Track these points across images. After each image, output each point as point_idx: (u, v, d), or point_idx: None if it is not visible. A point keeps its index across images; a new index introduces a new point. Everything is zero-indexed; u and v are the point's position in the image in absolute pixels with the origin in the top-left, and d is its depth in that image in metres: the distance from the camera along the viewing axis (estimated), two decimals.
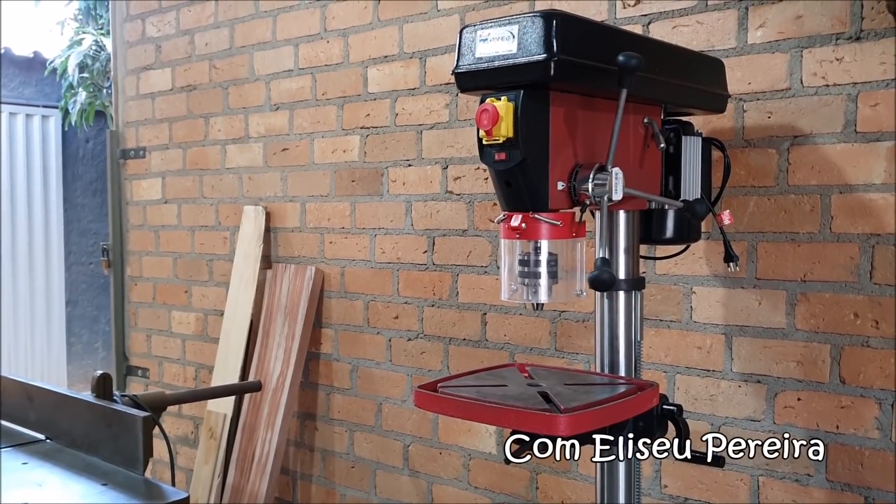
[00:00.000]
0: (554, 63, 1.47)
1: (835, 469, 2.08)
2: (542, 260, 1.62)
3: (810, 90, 2.08)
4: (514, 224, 1.59)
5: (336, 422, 3.24)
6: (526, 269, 1.63)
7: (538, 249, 1.62)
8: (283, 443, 3.26)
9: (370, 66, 2.97)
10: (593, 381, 1.83)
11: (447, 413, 1.72)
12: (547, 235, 1.60)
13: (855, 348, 2.04)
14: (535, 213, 1.58)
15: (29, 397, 2.10)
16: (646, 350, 2.29)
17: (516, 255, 1.65)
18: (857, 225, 2.03)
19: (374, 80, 2.98)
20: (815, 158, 2.08)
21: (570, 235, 1.61)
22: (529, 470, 2.65)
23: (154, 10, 3.95)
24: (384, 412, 3.07)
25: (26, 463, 1.86)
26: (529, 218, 1.58)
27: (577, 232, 1.63)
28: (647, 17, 2.34)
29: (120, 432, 1.82)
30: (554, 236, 1.60)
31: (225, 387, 3.40)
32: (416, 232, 2.92)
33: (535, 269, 1.62)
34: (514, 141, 1.51)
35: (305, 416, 3.35)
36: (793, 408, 2.13)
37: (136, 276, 4.14)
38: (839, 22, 2.03)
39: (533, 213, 1.58)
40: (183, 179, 3.85)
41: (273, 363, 3.30)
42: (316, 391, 3.30)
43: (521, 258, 1.64)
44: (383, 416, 3.07)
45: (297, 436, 3.39)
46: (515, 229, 1.59)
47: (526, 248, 1.63)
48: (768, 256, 2.16)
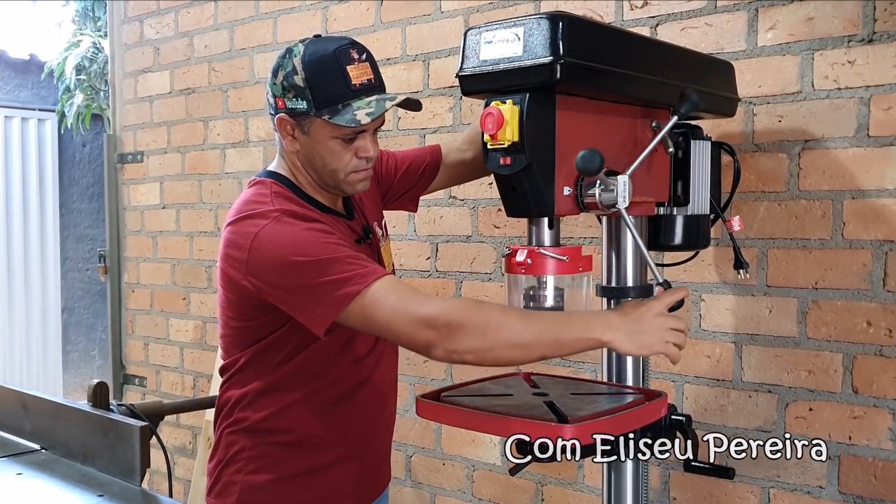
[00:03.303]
0: (560, 66, 1.46)
1: (847, 481, 2.05)
2: (548, 295, 1.61)
3: (822, 93, 2.06)
4: (520, 259, 1.58)
5: None
6: (532, 304, 1.62)
7: (544, 284, 1.60)
8: None
9: None
10: (600, 391, 1.82)
11: (451, 423, 1.71)
12: (553, 271, 1.58)
13: (868, 357, 2.02)
14: (540, 217, 1.57)
15: (24, 406, 2.11)
16: (653, 359, 2.22)
17: (521, 288, 1.64)
18: (869, 231, 2.01)
19: None
20: (827, 163, 2.05)
21: (576, 270, 1.60)
22: (534, 481, 2.62)
23: (152, 12, 3.93)
24: None
25: (21, 473, 1.86)
26: (535, 253, 1.56)
27: (583, 266, 1.61)
28: (655, 18, 2.31)
29: (116, 442, 1.83)
30: (560, 272, 1.59)
31: None
32: (419, 238, 2.89)
33: (541, 304, 1.61)
34: (519, 145, 1.50)
35: None
36: (804, 418, 2.11)
37: (133, 283, 4.11)
38: (851, 24, 2.01)
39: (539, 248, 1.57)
40: (181, 184, 3.82)
41: None
42: None
43: (526, 293, 1.63)
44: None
45: None
46: (521, 265, 1.58)
47: (532, 281, 1.62)
48: (779, 263, 2.13)
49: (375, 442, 1.94)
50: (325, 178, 1.75)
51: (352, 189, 1.78)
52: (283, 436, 1.80)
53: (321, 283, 1.58)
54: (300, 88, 1.67)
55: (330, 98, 1.66)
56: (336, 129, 1.68)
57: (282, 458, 1.81)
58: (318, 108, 1.66)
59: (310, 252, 1.60)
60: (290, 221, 1.65)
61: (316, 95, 1.66)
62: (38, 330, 7.29)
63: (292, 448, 1.81)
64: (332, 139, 1.70)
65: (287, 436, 1.80)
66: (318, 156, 1.73)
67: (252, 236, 1.64)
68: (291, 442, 1.81)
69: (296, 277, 1.60)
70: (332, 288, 1.57)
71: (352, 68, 1.67)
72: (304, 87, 1.66)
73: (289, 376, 1.78)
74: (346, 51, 1.68)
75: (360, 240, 1.83)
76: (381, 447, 1.98)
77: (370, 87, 1.69)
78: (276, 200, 1.70)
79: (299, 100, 1.68)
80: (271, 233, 1.64)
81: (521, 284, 1.63)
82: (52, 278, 7.37)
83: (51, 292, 7.36)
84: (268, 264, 1.63)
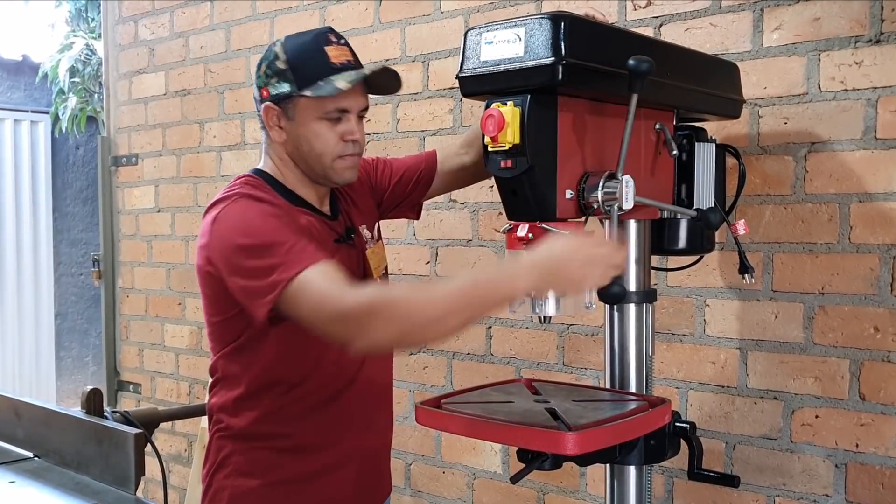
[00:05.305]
0: (562, 67, 1.45)
1: (854, 489, 2.04)
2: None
3: (828, 95, 2.04)
4: (521, 234, 1.57)
5: None
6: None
7: None
8: None
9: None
10: (602, 398, 1.81)
11: (451, 430, 1.69)
12: None
13: (875, 363, 2.00)
14: (543, 222, 1.55)
15: (16, 413, 2.11)
16: (657, 365, 2.23)
17: None
18: (877, 235, 1.99)
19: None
20: (834, 166, 2.04)
21: None
22: (536, 489, 2.60)
23: (147, 12, 3.91)
24: None
25: (13, 482, 1.86)
26: (536, 227, 1.55)
27: None
28: (659, 19, 2.30)
29: (111, 450, 1.83)
30: None
31: None
32: (419, 242, 2.87)
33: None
34: (520, 148, 1.49)
35: None
36: (811, 425, 2.09)
37: (127, 288, 4.09)
38: (858, 24, 1.99)
39: (540, 222, 1.55)
40: (177, 187, 3.80)
41: None
42: None
43: None
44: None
45: None
46: (522, 239, 1.57)
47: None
48: (785, 268, 2.12)
49: (370, 448, 1.91)
50: (313, 164, 1.76)
51: (339, 178, 1.78)
52: (271, 441, 1.79)
53: (257, 268, 1.59)
54: (282, 71, 1.72)
55: (311, 75, 1.69)
56: (319, 108, 1.71)
57: (271, 464, 1.79)
58: (300, 88, 1.69)
59: (252, 234, 1.62)
60: (244, 203, 1.68)
61: (298, 75, 1.70)
62: (31, 335, 7.26)
63: (282, 453, 1.80)
64: (316, 121, 1.72)
65: (275, 441, 1.79)
66: (304, 141, 1.75)
67: (212, 221, 1.69)
68: (281, 447, 1.79)
69: (237, 260, 1.62)
70: (264, 273, 1.57)
71: (331, 49, 1.72)
72: (287, 69, 1.71)
73: (269, 379, 1.77)
74: (325, 34, 1.74)
75: (339, 239, 1.83)
76: (377, 454, 1.95)
77: (350, 66, 1.72)
78: (243, 188, 1.74)
79: (282, 83, 1.72)
80: (224, 215, 1.67)
81: None
82: (45, 283, 7.34)
83: (44, 297, 7.33)
84: (219, 247, 1.67)
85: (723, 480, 1.89)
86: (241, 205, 1.68)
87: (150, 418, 2.32)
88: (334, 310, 1.52)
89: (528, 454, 1.60)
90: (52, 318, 7.41)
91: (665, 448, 1.71)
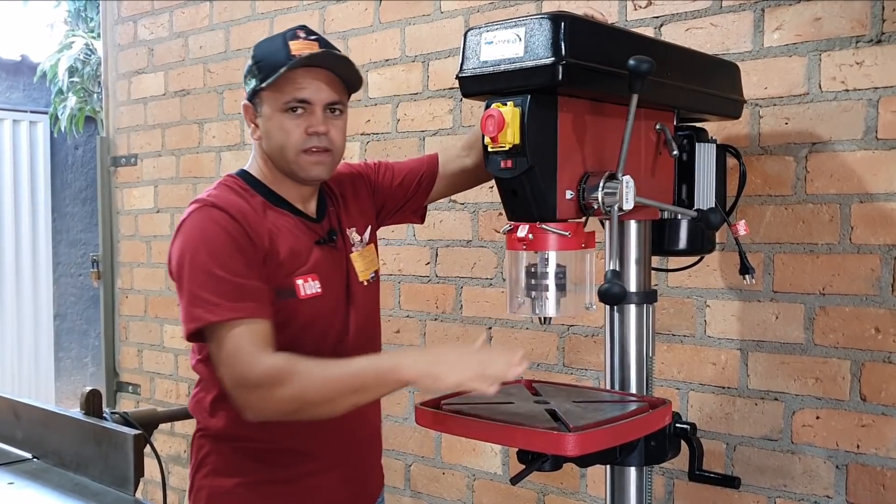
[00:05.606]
0: (562, 67, 1.45)
1: (855, 490, 2.03)
2: (549, 272, 1.59)
3: (829, 95, 2.04)
4: (521, 234, 1.57)
5: None
6: (533, 281, 1.61)
7: (546, 261, 1.59)
8: None
9: (371, 69, 2.93)
10: (603, 399, 1.81)
11: (451, 431, 1.69)
12: (555, 246, 1.58)
13: (876, 364, 2.00)
14: (543, 222, 1.55)
15: (15, 414, 2.11)
16: (658, 366, 2.23)
17: (523, 266, 1.63)
18: (878, 235, 1.99)
19: (375, 85, 2.93)
20: (835, 166, 2.04)
21: (579, 246, 1.60)
22: (536, 491, 2.60)
23: (146, 12, 3.91)
24: (385, 430, 2.97)
25: (12, 483, 1.86)
26: (537, 228, 1.55)
27: (586, 242, 1.61)
28: (659, 19, 2.30)
29: (110, 451, 1.83)
30: (563, 247, 1.58)
31: None
32: (419, 243, 2.87)
33: (543, 281, 1.60)
34: (520, 148, 1.49)
35: None
36: (811, 426, 2.08)
37: (127, 289, 4.08)
38: (859, 24, 1.99)
39: (540, 222, 1.55)
40: (176, 188, 3.80)
41: None
42: None
43: (527, 270, 1.62)
44: (384, 434, 2.98)
45: None
46: (522, 240, 1.57)
47: (533, 259, 1.61)
48: (785, 268, 2.11)
49: (355, 452, 1.90)
50: (279, 159, 1.78)
51: (305, 173, 1.78)
52: (247, 443, 1.79)
53: (192, 293, 1.65)
54: (251, 68, 1.78)
55: (271, 67, 1.72)
56: (279, 99, 1.73)
57: (248, 464, 1.80)
58: (262, 81, 1.73)
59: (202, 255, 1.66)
60: (209, 215, 1.70)
61: (262, 70, 1.74)
62: (30, 336, 7.26)
63: (260, 455, 1.79)
64: (279, 113, 1.74)
65: (252, 443, 1.79)
66: (272, 135, 1.77)
67: (179, 224, 1.73)
68: (259, 449, 1.79)
69: (182, 272, 1.67)
70: (196, 302, 1.63)
71: (295, 43, 1.74)
72: (254, 66, 1.77)
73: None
74: (294, 31, 1.77)
75: (321, 241, 1.82)
76: (364, 457, 1.94)
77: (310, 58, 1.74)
78: (218, 190, 1.78)
79: (252, 80, 1.77)
80: (189, 224, 1.71)
81: (522, 262, 1.62)
82: (44, 284, 7.34)
83: (43, 298, 7.33)
84: (176, 253, 1.70)
85: (723, 482, 1.88)
86: (205, 216, 1.70)
87: (150, 419, 2.32)
88: (243, 374, 1.59)
89: (529, 455, 1.60)
90: (51, 319, 7.41)
91: (665, 449, 1.71)
